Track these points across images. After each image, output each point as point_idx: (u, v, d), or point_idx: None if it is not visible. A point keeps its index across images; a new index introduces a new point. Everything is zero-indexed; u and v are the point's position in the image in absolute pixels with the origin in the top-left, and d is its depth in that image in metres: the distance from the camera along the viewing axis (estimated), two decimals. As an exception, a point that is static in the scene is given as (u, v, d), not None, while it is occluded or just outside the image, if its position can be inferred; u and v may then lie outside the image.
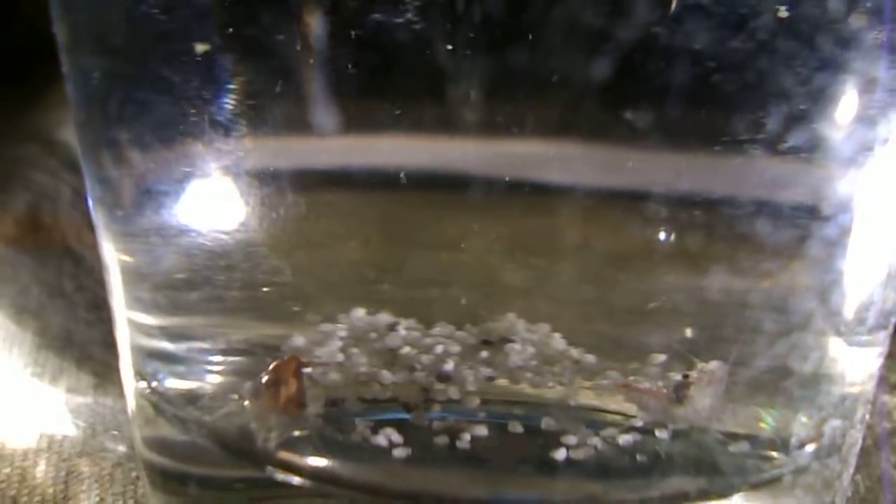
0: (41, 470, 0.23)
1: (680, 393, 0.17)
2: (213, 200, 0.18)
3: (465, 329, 0.18)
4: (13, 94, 0.44)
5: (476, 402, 0.18)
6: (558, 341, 0.18)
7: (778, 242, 0.17)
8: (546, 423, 0.18)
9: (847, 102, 0.16)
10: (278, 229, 0.18)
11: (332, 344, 0.18)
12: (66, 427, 0.25)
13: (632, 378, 0.17)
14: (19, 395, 0.27)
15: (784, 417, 0.19)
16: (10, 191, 0.38)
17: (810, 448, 0.19)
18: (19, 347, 0.29)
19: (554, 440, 0.17)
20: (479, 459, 0.17)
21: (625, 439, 0.17)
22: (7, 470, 0.23)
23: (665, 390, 0.17)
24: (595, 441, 0.17)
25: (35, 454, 0.24)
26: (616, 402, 0.18)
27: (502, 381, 0.18)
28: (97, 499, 0.22)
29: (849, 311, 0.18)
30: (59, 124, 0.42)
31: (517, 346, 0.18)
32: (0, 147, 0.41)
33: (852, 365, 0.19)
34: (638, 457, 0.17)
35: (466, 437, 0.17)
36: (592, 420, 0.18)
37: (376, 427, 0.17)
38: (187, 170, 0.18)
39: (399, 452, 0.17)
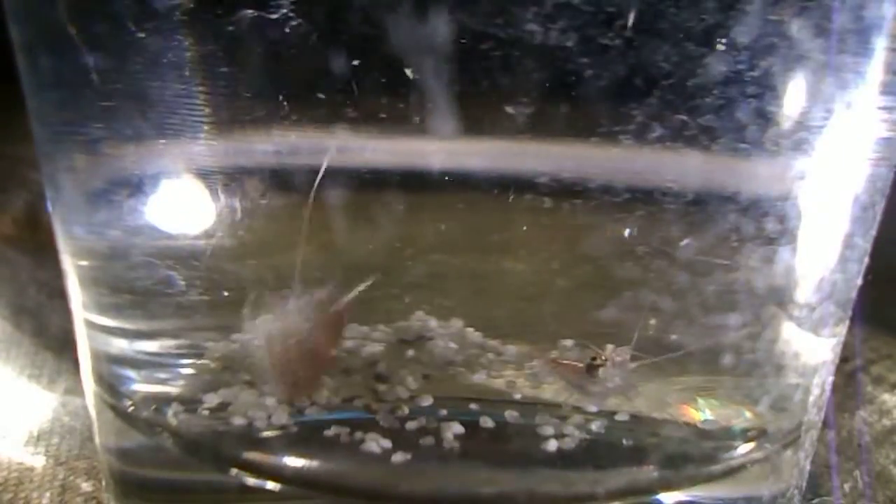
0: (38, 473, 0.23)
1: (592, 372, 0.18)
2: (169, 202, 0.18)
3: (380, 329, 0.18)
4: (11, 93, 0.44)
5: (429, 400, 0.18)
6: (473, 335, 0.19)
7: (725, 230, 0.17)
8: (511, 417, 0.18)
9: (795, 95, 0.16)
10: (235, 230, 0.18)
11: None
12: (64, 429, 0.25)
13: (555, 354, 0.19)
14: (17, 396, 0.27)
15: (730, 407, 0.19)
16: (9, 190, 0.38)
17: (761, 437, 0.19)
18: (17, 348, 0.29)
19: (527, 434, 0.18)
20: (455, 456, 0.17)
21: (578, 430, 0.18)
22: (5, 473, 0.23)
23: (580, 366, 0.19)
24: (551, 433, 0.18)
25: (32, 457, 0.24)
26: (553, 393, 0.19)
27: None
28: (94, 501, 0.22)
29: (800, 298, 0.18)
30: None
31: (439, 343, 0.18)
32: (-1, 146, 0.41)
33: (804, 354, 0.19)
34: (589, 449, 0.18)
35: (448, 435, 0.17)
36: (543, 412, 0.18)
37: (346, 427, 0.17)
38: (141, 171, 0.18)
39: (370, 453, 0.17)
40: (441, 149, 0.16)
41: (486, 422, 0.18)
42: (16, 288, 0.33)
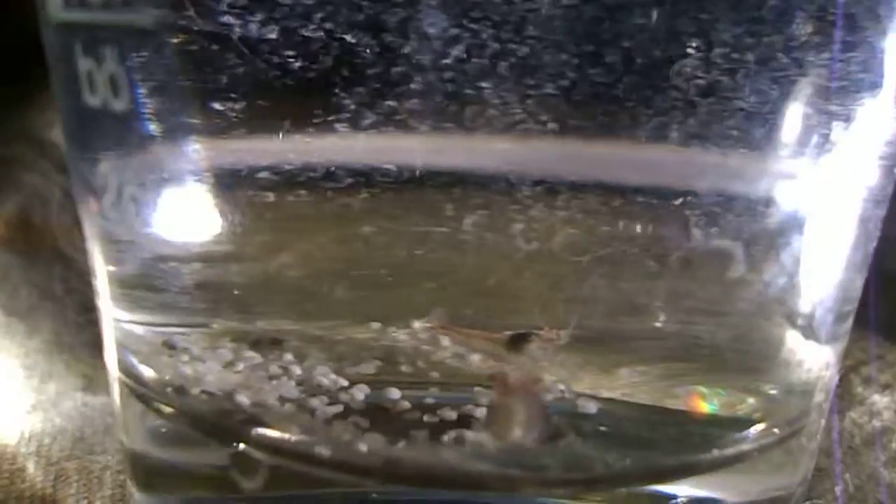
0: (29, 474, 0.23)
1: (518, 344, 0.18)
2: (201, 201, 0.18)
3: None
4: (5, 95, 0.44)
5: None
6: None
7: (725, 228, 0.17)
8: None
9: (800, 94, 0.16)
10: (264, 231, 0.18)
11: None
12: (55, 430, 0.25)
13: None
14: (7, 397, 0.27)
15: (730, 399, 0.19)
16: (1, 192, 0.38)
17: (760, 430, 0.19)
18: (8, 350, 0.29)
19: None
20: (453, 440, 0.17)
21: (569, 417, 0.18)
22: (-5, 474, 0.23)
23: (498, 336, 0.18)
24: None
25: (23, 458, 0.24)
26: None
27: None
28: (86, 502, 0.22)
29: (801, 301, 0.19)
30: (51, 125, 0.42)
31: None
32: (-10, 148, 0.41)
33: (806, 352, 0.19)
34: (584, 436, 0.18)
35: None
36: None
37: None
38: (176, 169, 0.18)
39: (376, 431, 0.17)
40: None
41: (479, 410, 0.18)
42: (7, 289, 0.33)
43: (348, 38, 0.15)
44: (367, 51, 0.15)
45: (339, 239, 0.18)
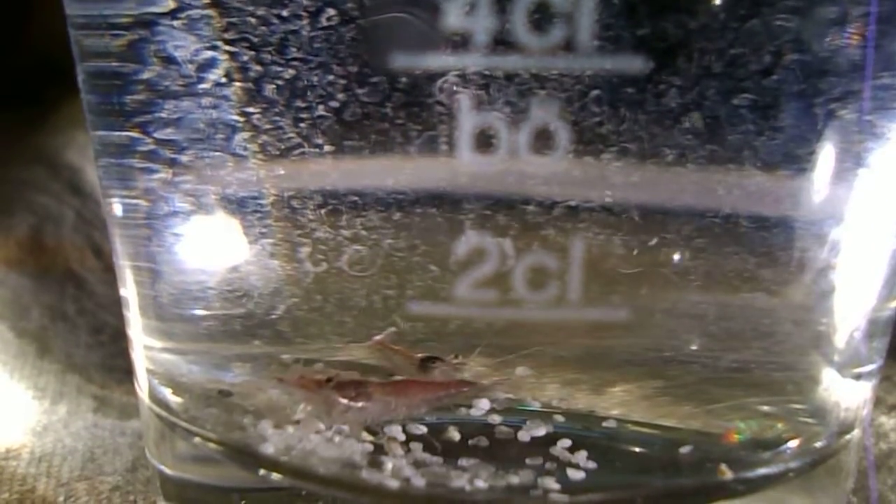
0: (39, 494, 0.23)
1: (426, 366, 0.19)
2: (235, 228, 0.18)
3: None
4: (18, 118, 0.44)
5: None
6: None
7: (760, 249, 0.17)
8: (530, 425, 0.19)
9: (840, 114, 0.16)
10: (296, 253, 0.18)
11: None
12: (65, 451, 0.25)
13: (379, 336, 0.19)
14: (19, 418, 0.27)
15: (763, 420, 0.19)
16: (14, 213, 0.38)
17: (796, 452, 0.19)
18: (20, 370, 0.29)
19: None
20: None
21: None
22: (6, 494, 0.23)
23: (414, 357, 0.19)
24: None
25: (34, 478, 0.24)
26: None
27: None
28: (95, 523, 0.22)
29: (841, 315, 0.18)
30: (63, 147, 0.43)
31: None
32: (4, 170, 0.41)
33: (840, 377, 0.19)
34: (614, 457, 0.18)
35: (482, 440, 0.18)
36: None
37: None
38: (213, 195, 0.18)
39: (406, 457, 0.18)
40: None
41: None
42: (18, 311, 0.33)
43: None
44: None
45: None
